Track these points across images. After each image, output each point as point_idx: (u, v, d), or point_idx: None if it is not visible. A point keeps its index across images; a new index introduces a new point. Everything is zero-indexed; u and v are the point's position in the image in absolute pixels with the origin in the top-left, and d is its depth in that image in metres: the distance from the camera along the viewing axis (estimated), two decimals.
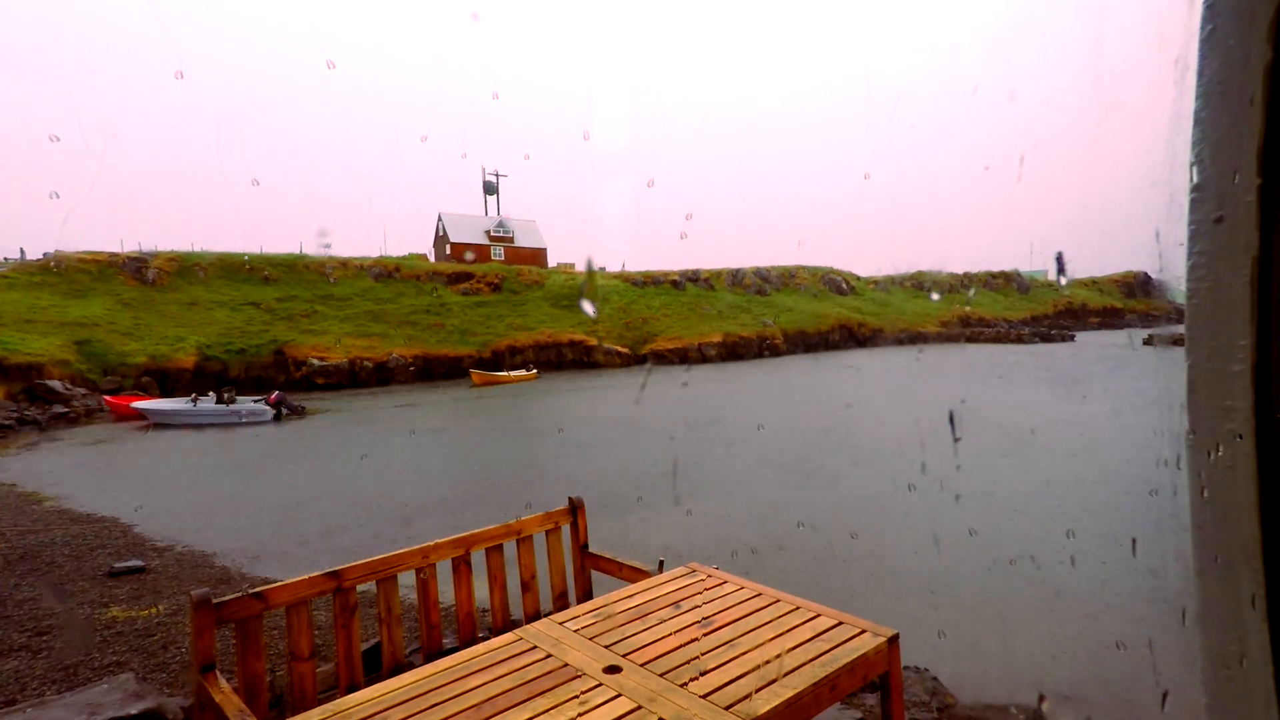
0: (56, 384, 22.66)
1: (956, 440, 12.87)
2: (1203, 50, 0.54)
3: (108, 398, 22.44)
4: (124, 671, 4.29)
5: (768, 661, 2.21)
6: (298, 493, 11.17)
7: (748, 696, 2.02)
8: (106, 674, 4.29)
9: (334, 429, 19.14)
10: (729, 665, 2.21)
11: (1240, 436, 0.54)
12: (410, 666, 2.72)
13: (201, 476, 12.87)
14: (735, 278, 48.43)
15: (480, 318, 37.96)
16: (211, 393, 21.51)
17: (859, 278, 55.67)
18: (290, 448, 16.27)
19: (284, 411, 20.75)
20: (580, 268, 54.06)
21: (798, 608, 2.62)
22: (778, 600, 2.69)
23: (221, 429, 18.91)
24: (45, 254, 32.53)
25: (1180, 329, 0.61)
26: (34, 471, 13.02)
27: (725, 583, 2.91)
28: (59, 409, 21.28)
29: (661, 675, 2.16)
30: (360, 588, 2.93)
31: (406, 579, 3.09)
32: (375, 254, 43.11)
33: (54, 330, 26.42)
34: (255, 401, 20.99)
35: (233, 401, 20.51)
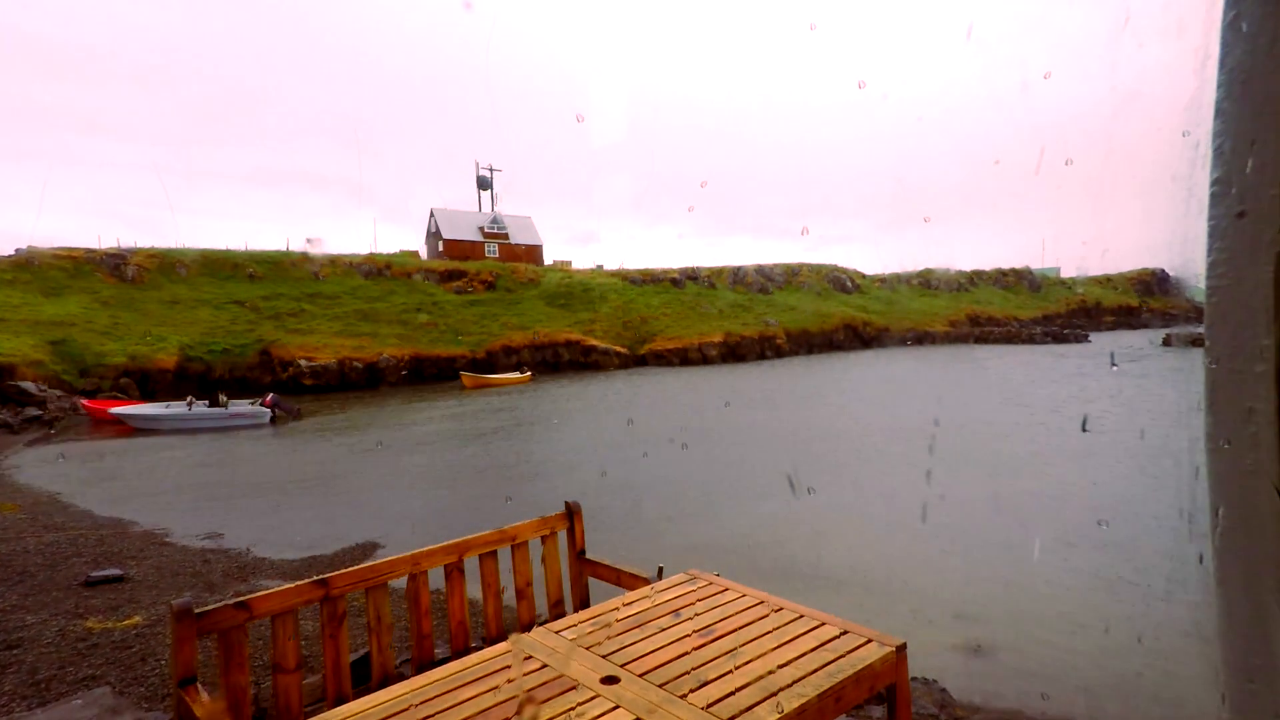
0: (30, 385, 22.57)
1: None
2: (1225, 38, 0.54)
3: (85, 401, 21.95)
4: (100, 685, 4.27)
5: (770, 672, 2.21)
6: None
7: (750, 708, 2.01)
8: (81, 688, 4.27)
9: (332, 434, 19.09)
10: (731, 675, 2.20)
11: (1263, 439, 0.54)
12: (401, 677, 2.72)
13: (197, 486, 12.82)
14: (737, 275, 48.45)
15: (474, 317, 37.93)
16: (205, 399, 21.17)
17: (864, 275, 55.73)
18: (302, 455, 16.22)
19: (278, 414, 20.58)
20: (577, 265, 54.06)
21: (801, 616, 2.62)
22: (780, 609, 2.69)
23: (217, 434, 18.60)
24: (18, 250, 32.41)
25: (1199, 329, 0.61)
26: (5, 478, 12.97)
27: (726, 590, 2.90)
28: (32, 412, 21.19)
29: (661, 686, 2.16)
30: (349, 596, 2.92)
31: (397, 587, 3.09)
32: (365, 250, 43.13)
33: (27, 330, 26.33)
34: (251, 404, 20.77)
35: (226, 405, 20.25)
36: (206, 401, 20.44)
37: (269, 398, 21.31)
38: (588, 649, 2.43)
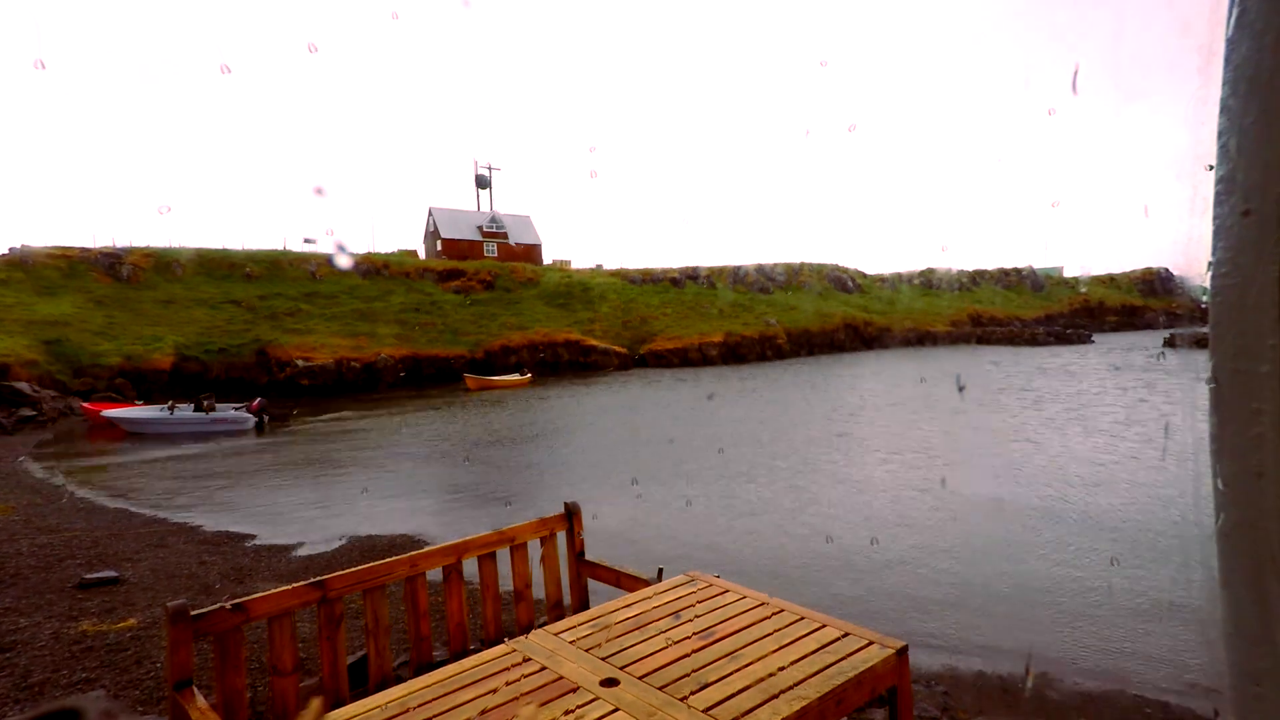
0: (23, 386, 22.55)
1: None
2: (1231, 35, 0.54)
3: (85, 404, 21.79)
4: (94, 689, 4.27)
5: (771, 674, 2.21)
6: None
7: (751, 710, 2.01)
8: (76, 691, 4.27)
9: (327, 441, 19.05)
10: (732, 678, 2.20)
11: (1268, 441, 0.54)
12: (398, 680, 2.72)
13: (192, 488, 12.81)
14: (737, 275, 48.46)
15: (472, 316, 37.94)
16: (187, 402, 20.71)
17: (866, 275, 55.75)
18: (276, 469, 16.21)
19: (266, 420, 20.34)
20: (576, 264, 54.08)
21: (802, 618, 2.62)
22: (781, 610, 2.69)
23: (199, 441, 18.16)
24: (12, 248, 32.41)
25: (1204, 329, 0.61)
26: (2, 480, 12.96)
27: (727, 592, 2.90)
28: (26, 412, 21.17)
29: (661, 688, 2.16)
30: (346, 598, 2.92)
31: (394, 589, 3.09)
32: (363, 250, 43.19)
33: (21, 329, 26.31)
34: (236, 409, 20.43)
35: (212, 409, 19.92)
36: (190, 405, 20.01)
37: (256, 402, 20.82)
38: (587, 651, 2.43)
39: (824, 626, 2.55)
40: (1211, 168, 0.57)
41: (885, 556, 7.42)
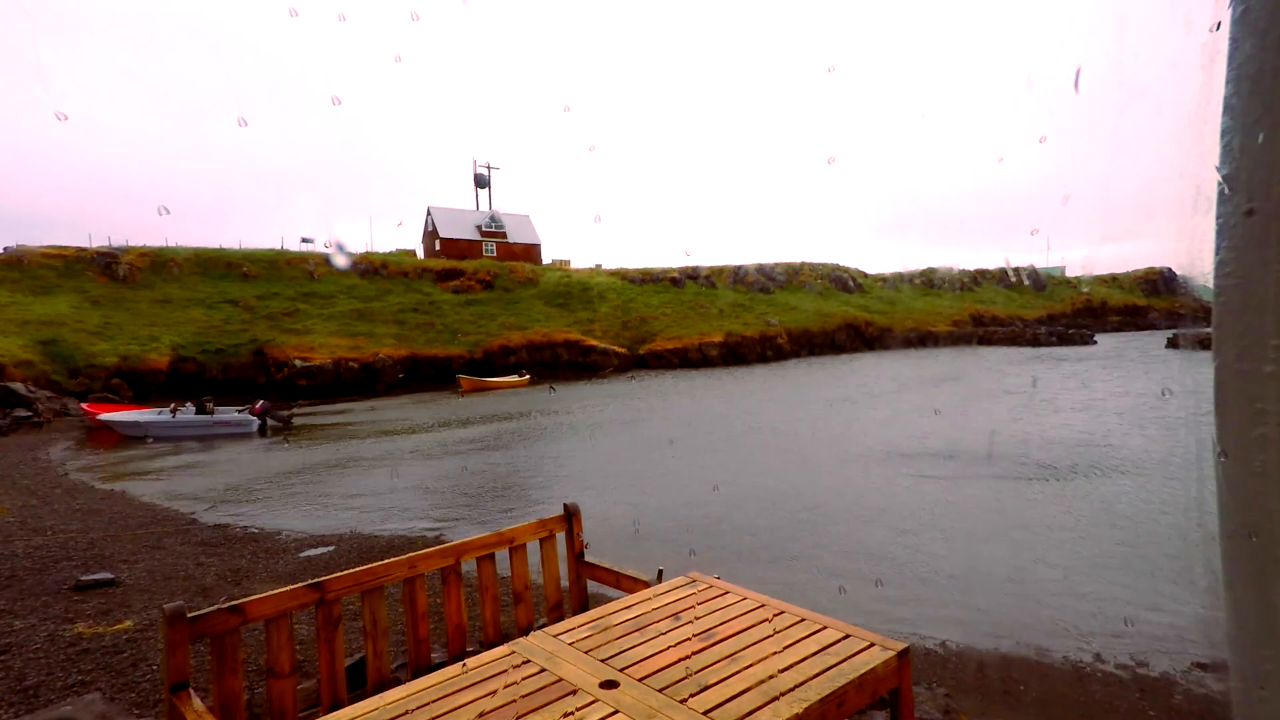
0: (19, 386, 22.54)
1: None
2: (1234, 32, 0.54)
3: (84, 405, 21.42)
4: (90, 691, 4.27)
5: (771, 676, 2.21)
6: None
7: (751, 713, 2.01)
8: (71, 694, 4.27)
9: (327, 443, 19.02)
10: (732, 680, 2.20)
11: (1272, 441, 0.54)
12: (397, 682, 2.72)
13: (189, 490, 12.80)
14: (737, 275, 48.48)
15: (471, 316, 37.95)
16: (189, 403, 20.41)
17: (866, 275, 55.77)
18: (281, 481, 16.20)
19: (269, 423, 20.05)
20: (576, 264, 54.11)
21: (803, 619, 2.62)
22: (782, 612, 2.69)
23: (201, 443, 18.09)
24: (7, 248, 32.40)
25: (1207, 329, 0.61)
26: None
27: (727, 593, 2.90)
28: (21, 413, 21.16)
29: (661, 690, 2.16)
30: (344, 600, 2.92)
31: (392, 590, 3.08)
32: (361, 249, 43.21)
33: (16, 329, 26.31)
34: (239, 411, 20.06)
35: (213, 412, 19.62)
36: (193, 408, 19.77)
37: (259, 405, 20.54)
38: (586, 653, 2.43)
39: (825, 628, 2.55)
40: (1225, 183, 0.56)
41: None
